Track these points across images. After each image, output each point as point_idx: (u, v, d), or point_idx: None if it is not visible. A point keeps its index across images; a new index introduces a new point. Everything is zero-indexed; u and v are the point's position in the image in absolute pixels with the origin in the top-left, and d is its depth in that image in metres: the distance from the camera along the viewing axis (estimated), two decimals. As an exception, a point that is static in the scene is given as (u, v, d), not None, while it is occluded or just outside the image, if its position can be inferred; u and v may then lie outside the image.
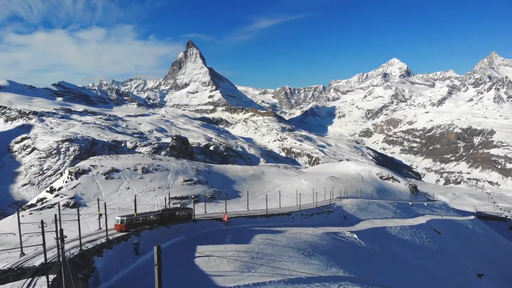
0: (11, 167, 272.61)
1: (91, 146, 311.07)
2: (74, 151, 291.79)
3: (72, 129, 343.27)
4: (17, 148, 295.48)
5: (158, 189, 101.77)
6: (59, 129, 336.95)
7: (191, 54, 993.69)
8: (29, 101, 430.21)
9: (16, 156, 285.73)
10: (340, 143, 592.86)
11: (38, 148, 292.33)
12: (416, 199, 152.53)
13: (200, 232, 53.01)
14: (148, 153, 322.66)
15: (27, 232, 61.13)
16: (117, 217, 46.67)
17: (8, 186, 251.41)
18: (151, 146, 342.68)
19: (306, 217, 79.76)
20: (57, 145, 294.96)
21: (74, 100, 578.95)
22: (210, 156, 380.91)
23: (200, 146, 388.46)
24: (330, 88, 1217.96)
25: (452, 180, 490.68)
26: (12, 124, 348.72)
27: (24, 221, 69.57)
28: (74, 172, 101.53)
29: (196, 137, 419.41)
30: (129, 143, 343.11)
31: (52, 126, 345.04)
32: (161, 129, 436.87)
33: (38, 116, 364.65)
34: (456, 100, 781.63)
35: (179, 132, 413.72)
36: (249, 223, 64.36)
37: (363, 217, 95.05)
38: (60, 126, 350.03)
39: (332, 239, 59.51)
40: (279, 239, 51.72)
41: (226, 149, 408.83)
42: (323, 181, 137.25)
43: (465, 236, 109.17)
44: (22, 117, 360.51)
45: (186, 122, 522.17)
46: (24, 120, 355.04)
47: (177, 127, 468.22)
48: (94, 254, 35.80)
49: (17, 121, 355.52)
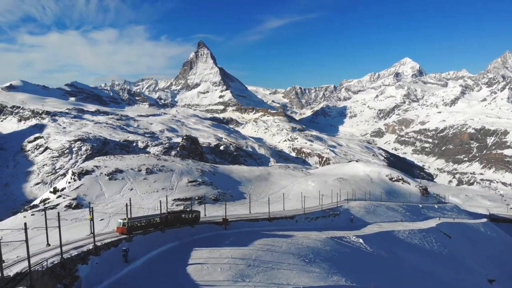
0: (24, 166, 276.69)
1: (103, 146, 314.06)
2: (86, 151, 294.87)
3: (84, 128, 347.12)
4: (30, 148, 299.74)
5: (162, 190, 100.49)
6: (72, 129, 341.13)
7: (202, 54, 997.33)
8: (42, 101, 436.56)
9: (29, 155, 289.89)
10: (351, 143, 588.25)
11: (50, 148, 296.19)
12: (426, 201, 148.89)
13: (197, 237, 51.30)
14: (159, 152, 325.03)
15: (25, 233, 60.85)
16: (119, 220, 45.62)
17: (21, 185, 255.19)
18: (162, 146, 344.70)
19: (310, 220, 77.78)
20: (70, 144, 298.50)
21: (87, 100, 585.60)
22: (220, 156, 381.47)
23: (210, 146, 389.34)
24: (341, 88, 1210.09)
25: (465, 181, 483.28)
26: (25, 124, 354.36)
27: (23, 222, 69.84)
28: (78, 172, 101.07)
29: (206, 137, 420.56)
30: (141, 142, 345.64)
31: (64, 126, 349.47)
32: (172, 129, 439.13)
33: (51, 115, 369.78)
34: (469, 100, 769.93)
35: (189, 132, 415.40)
36: (251, 227, 62.56)
37: (370, 220, 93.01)
38: (73, 125, 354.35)
39: (336, 244, 57.99)
40: (279, 244, 50.18)
41: (236, 149, 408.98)
42: (331, 183, 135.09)
43: (476, 240, 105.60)
44: (35, 116, 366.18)
45: (197, 122, 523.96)
46: (37, 119, 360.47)
47: (188, 127, 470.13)
48: (79, 262, 34.01)
49: (30, 120, 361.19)
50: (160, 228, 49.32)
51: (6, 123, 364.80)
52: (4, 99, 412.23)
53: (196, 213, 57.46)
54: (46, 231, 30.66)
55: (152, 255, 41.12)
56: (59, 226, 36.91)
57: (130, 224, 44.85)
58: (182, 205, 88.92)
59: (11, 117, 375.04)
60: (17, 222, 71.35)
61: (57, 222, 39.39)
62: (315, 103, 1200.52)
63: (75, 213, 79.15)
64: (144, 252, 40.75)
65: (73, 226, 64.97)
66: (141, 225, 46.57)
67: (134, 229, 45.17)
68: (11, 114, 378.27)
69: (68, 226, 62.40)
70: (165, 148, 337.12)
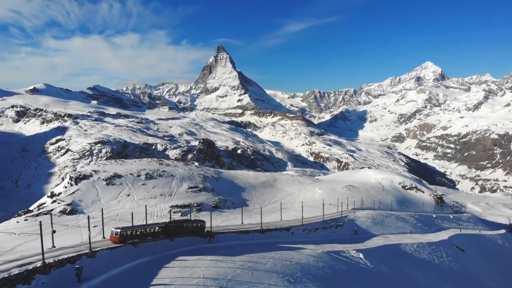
0: (46, 168, 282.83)
1: (123, 148, 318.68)
2: (106, 153, 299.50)
3: (105, 131, 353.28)
4: (52, 149, 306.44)
5: (160, 197, 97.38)
6: (93, 131, 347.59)
7: (221, 58, 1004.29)
8: (64, 104, 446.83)
9: (51, 157, 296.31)
10: (371, 148, 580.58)
11: (72, 150, 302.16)
12: (441, 211, 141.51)
13: (174, 251, 45.64)
14: (177, 155, 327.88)
15: (17, 238, 58.88)
16: (112, 228, 43.96)
17: (42, 186, 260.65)
18: (181, 149, 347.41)
19: (309, 232, 71.30)
20: (90, 147, 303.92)
21: (108, 103, 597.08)
22: (237, 159, 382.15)
23: (228, 150, 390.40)
24: (361, 92, 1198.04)
25: (488, 188, 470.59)
26: (48, 126, 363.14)
27: (16, 227, 68.30)
28: (75, 177, 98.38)
29: (224, 141, 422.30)
30: (160, 145, 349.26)
31: (86, 129, 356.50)
32: (191, 132, 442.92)
33: (72, 118, 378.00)
34: (492, 105, 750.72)
35: (208, 136, 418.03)
36: (239, 239, 57.02)
37: (377, 232, 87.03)
38: (94, 128, 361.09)
39: (332, 260, 51.90)
40: (264, 261, 44.48)
41: (254, 152, 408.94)
42: (339, 190, 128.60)
43: (492, 254, 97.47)
44: (57, 119, 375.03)
45: (215, 125, 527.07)
46: (60, 122, 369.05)
47: (206, 130, 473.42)
48: (19, 282, 29.76)
49: (53, 123, 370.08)
50: (160, 238, 47.46)
51: (29, 125, 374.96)
52: (28, 102, 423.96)
53: (201, 223, 54.08)
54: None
55: (114, 273, 36.64)
56: (41, 233, 35.03)
57: (122, 232, 43.00)
58: (180, 212, 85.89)
59: (34, 119, 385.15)
60: (10, 227, 70.05)
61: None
62: (334, 107, 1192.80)
63: (69, 219, 76.90)
64: (106, 269, 36.92)
65: (65, 232, 63.31)
66: (135, 234, 44.40)
67: (126, 238, 43.23)
68: (34, 117, 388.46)
69: (61, 233, 60.17)
70: (183, 151, 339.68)
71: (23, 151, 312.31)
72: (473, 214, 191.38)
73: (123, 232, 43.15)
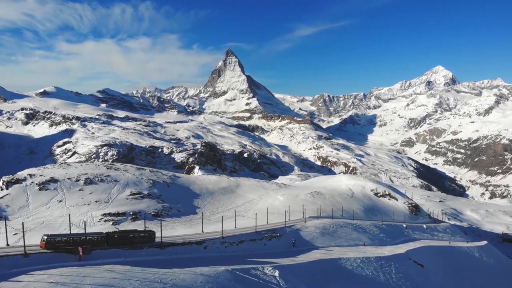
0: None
1: (129, 151, 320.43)
2: (112, 156, 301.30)
3: (112, 134, 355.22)
4: (59, 152, 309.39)
5: (95, 203, 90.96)
6: (100, 134, 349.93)
7: (230, 62, 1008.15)
8: (74, 107, 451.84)
9: (58, 159, 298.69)
10: (379, 153, 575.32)
11: (78, 152, 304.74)
12: (415, 220, 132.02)
13: (17, 270, 36.54)
14: (183, 158, 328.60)
15: None
16: (43, 235, 43.99)
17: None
18: (186, 152, 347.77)
19: (229, 245, 61.34)
20: (96, 149, 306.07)
21: (117, 106, 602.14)
22: (244, 163, 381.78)
23: (234, 153, 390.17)
24: (371, 96, 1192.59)
25: (498, 194, 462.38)
26: (56, 129, 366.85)
27: None
28: (7, 181, 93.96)
29: (231, 144, 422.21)
30: (166, 148, 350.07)
31: (93, 131, 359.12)
32: (198, 135, 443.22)
33: (80, 121, 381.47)
34: (504, 110, 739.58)
35: (214, 139, 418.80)
36: (124, 256, 46.85)
37: (321, 244, 75.74)
38: (101, 131, 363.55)
39: (231, 280, 42.36)
40: (124, 284, 34.98)
41: (260, 156, 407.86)
42: (302, 197, 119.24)
43: (464, 269, 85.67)
44: (65, 122, 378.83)
45: (222, 129, 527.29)
46: (68, 125, 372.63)
47: (213, 133, 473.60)
48: None
49: (61, 125, 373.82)
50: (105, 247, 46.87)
51: (38, 127, 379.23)
52: (38, 105, 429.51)
53: (149, 233, 52.29)
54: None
55: None
56: None
57: (50, 239, 42.80)
58: (112, 221, 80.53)
59: (43, 122, 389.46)
60: None
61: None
62: (343, 111, 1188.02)
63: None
64: None
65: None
66: (65, 242, 43.79)
67: (54, 245, 42.96)
68: (43, 119, 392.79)
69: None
70: (189, 154, 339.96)
71: (31, 153, 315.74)
72: (471, 222, 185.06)
73: (51, 239, 43.10)
